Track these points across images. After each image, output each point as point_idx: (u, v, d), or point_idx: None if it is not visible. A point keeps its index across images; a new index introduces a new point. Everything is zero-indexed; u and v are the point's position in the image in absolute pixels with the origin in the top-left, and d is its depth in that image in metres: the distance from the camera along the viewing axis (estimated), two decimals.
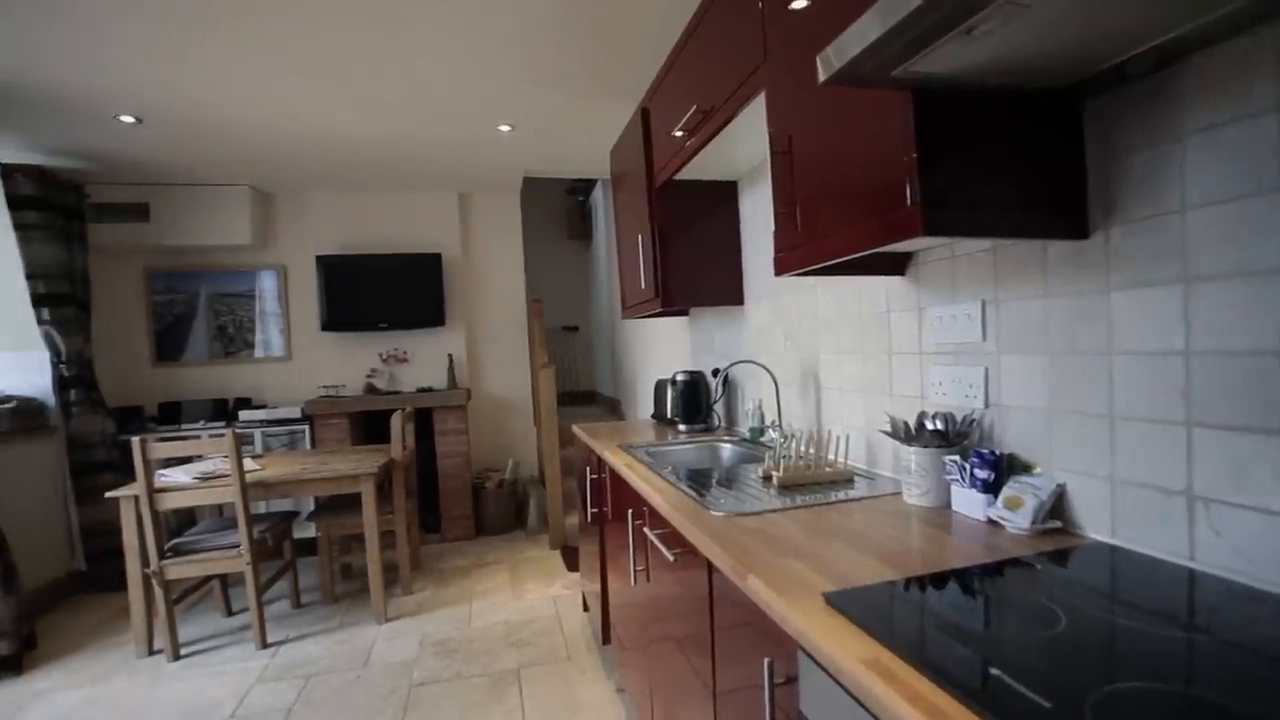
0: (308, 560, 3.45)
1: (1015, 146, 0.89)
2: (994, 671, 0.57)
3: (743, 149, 1.86)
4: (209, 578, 2.84)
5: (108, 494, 2.56)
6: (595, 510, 2.23)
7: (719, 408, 2.39)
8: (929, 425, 1.16)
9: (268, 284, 4.05)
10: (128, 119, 2.73)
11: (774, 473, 1.40)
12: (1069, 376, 0.96)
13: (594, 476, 2.22)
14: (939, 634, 0.67)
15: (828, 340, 1.68)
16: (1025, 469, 1.05)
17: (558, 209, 6.30)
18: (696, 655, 1.19)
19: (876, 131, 0.93)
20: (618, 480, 1.86)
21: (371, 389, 3.93)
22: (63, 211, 3.23)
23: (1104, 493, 0.92)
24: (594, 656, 2.40)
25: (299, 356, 4.07)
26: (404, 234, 4.11)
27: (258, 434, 3.63)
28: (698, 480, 1.49)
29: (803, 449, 1.45)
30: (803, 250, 1.18)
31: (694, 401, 2.35)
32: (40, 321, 3.15)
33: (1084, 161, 0.91)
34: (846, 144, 1.02)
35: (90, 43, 2.10)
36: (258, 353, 4.04)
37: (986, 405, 1.13)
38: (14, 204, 3.05)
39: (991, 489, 1.04)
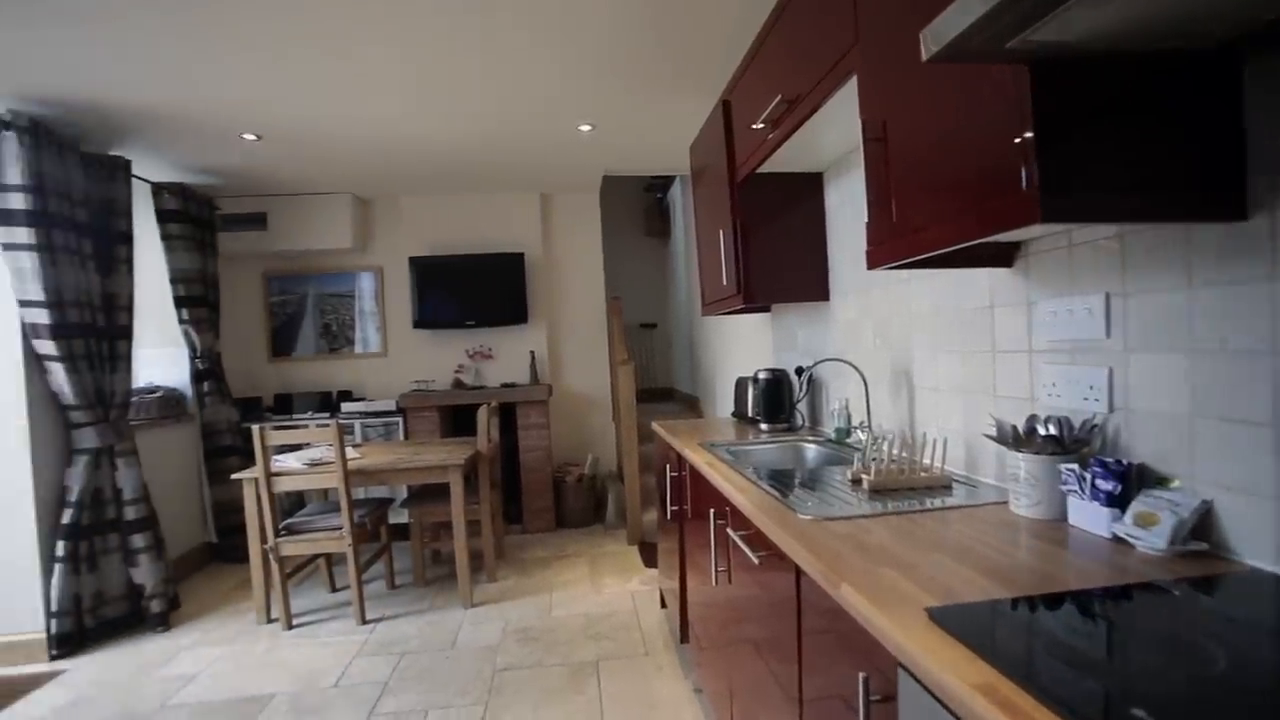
0: (401, 544, 3.67)
1: (1152, 119, 0.79)
2: (1138, 713, 0.51)
3: (829, 138, 1.78)
4: (316, 556, 3.08)
5: (233, 476, 2.83)
6: (675, 508, 2.22)
7: (802, 407, 2.32)
8: (1041, 430, 1.06)
9: (366, 284, 4.33)
10: (250, 137, 2.99)
11: (864, 476, 1.33)
12: (1218, 379, 0.85)
13: (674, 474, 2.21)
14: (1063, 663, 0.60)
15: (922, 337, 1.58)
16: (1160, 482, 0.93)
17: (636, 206, 6.34)
18: (780, 662, 1.16)
19: (986, 111, 0.86)
20: (698, 479, 1.84)
21: (459, 384, 4.12)
22: (198, 223, 3.61)
23: (1265, 513, 0.80)
24: (671, 654, 2.40)
25: (394, 352, 4.33)
26: (489, 235, 4.27)
27: (357, 425, 3.90)
28: (781, 481, 1.45)
29: (895, 451, 1.37)
30: (898, 242, 1.11)
31: (776, 400, 2.29)
32: (180, 321, 3.54)
33: (1242, 132, 0.80)
34: (950, 126, 0.95)
35: (222, 74, 2.35)
36: (357, 349, 4.33)
37: (1110, 409, 1.02)
38: (161, 218, 3.44)
39: (1117, 502, 0.93)
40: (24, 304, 2.52)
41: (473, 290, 4.13)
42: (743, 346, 3.35)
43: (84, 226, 2.72)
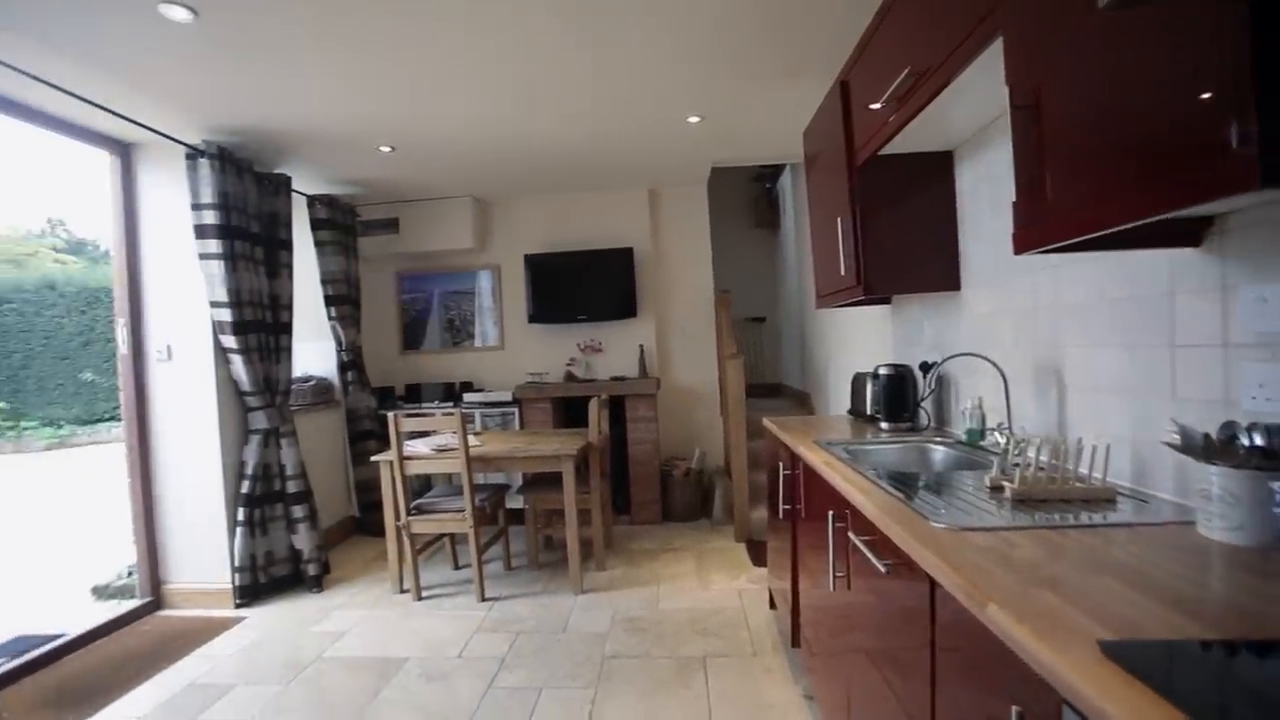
0: (517, 529, 3.86)
1: None
2: None
3: (962, 113, 1.63)
4: (442, 535, 3.32)
5: (372, 458, 3.12)
6: (787, 507, 2.15)
7: (927, 405, 2.15)
8: (1243, 440, 0.90)
9: (484, 282, 4.60)
10: (385, 149, 3.27)
11: (1005, 483, 1.20)
12: None
13: (787, 472, 2.14)
14: None
15: (1075, 330, 1.40)
16: None
17: (744, 197, 6.21)
18: (907, 679, 1.08)
19: (1179, 61, 0.73)
20: (814, 478, 1.76)
21: (570, 376, 4.27)
22: (343, 229, 4.01)
23: None
24: (781, 657, 2.33)
25: (510, 346, 4.57)
26: (599, 231, 4.37)
27: (477, 414, 4.16)
28: (905, 484, 1.35)
29: (1043, 457, 1.22)
30: (1054, 222, 0.98)
31: (899, 398, 2.14)
32: (329, 318, 3.96)
33: None
34: (1128, 84, 0.82)
35: (364, 96, 2.60)
36: (477, 342, 4.62)
37: None
38: (314, 226, 3.86)
39: None
40: (214, 304, 2.94)
41: (583, 285, 4.25)
42: (859, 341, 3.17)
43: (256, 236, 3.11)
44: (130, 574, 3.16)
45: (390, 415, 2.91)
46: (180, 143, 2.85)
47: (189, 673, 2.44)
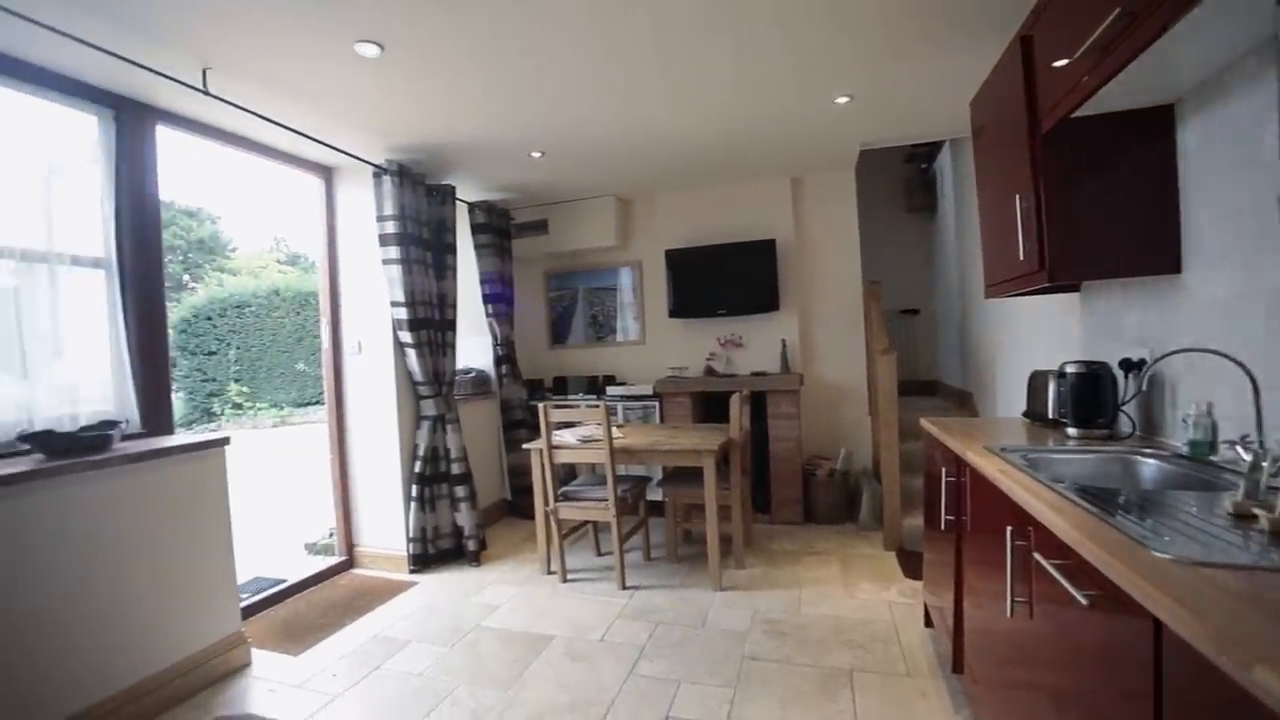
0: (656, 521, 3.93)
1: None
2: None
3: (1191, 55, 1.34)
4: (585, 522, 3.47)
5: (524, 446, 3.34)
6: (950, 518, 1.94)
7: (1131, 410, 1.82)
8: None
9: (625, 278, 4.72)
10: (536, 154, 3.47)
11: (1259, 511, 0.97)
12: None
13: (950, 479, 1.93)
14: None
15: None
16: None
17: (895, 181, 5.74)
18: None
19: None
20: (985, 487, 1.57)
21: (710, 371, 4.24)
22: (498, 232, 4.34)
23: None
24: (938, 681, 2.12)
25: (651, 340, 4.65)
26: (740, 223, 4.29)
27: (619, 407, 4.29)
28: (1104, 503, 1.14)
29: None
30: None
31: (1092, 400, 1.83)
32: (486, 315, 4.31)
33: None
34: None
35: (518, 107, 2.78)
36: (618, 337, 4.76)
37: None
38: (473, 230, 4.22)
39: None
40: (393, 304, 3.33)
41: (724, 279, 4.20)
42: (1036, 335, 2.78)
43: (426, 242, 3.47)
44: (331, 535, 3.69)
45: (540, 406, 3.10)
46: (368, 163, 3.26)
47: (375, 625, 2.79)
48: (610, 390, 4.37)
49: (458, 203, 3.79)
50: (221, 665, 2.37)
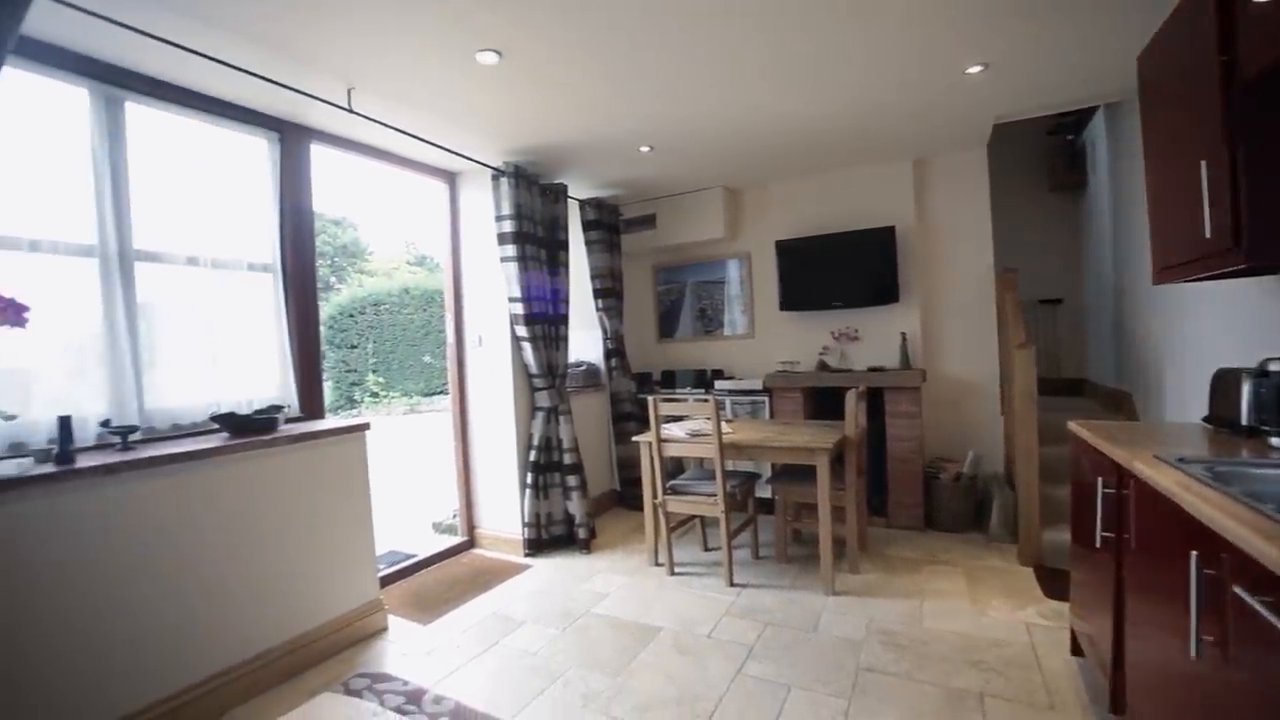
0: (765, 518, 3.84)
1: None
2: None
3: None
4: (693, 516, 3.46)
5: (633, 438, 3.39)
6: (1108, 534, 1.71)
7: None
8: None
9: (733, 271, 4.64)
10: (645, 149, 3.50)
11: None
12: None
13: (1109, 491, 1.70)
14: None
15: None
16: None
17: (1034, 156, 5.16)
18: None
19: None
20: (1157, 503, 1.36)
21: (823, 366, 4.07)
22: (608, 228, 4.42)
23: None
24: None
25: (760, 334, 4.54)
26: (856, 211, 4.06)
27: (728, 401, 4.23)
28: None
29: None
30: None
31: None
32: (596, 309, 4.42)
33: None
34: None
35: (628, 103, 2.81)
36: (726, 331, 4.69)
37: None
38: (584, 227, 4.34)
39: None
40: (510, 300, 3.50)
41: (838, 270, 4.00)
42: (1223, 326, 2.38)
43: (541, 240, 3.61)
44: (454, 516, 3.96)
45: (650, 400, 3.12)
46: (487, 166, 3.44)
47: (493, 603, 2.96)
48: (719, 384, 4.33)
49: (569, 201, 3.91)
50: (362, 628, 2.63)
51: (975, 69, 2.64)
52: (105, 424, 2.08)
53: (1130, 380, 3.72)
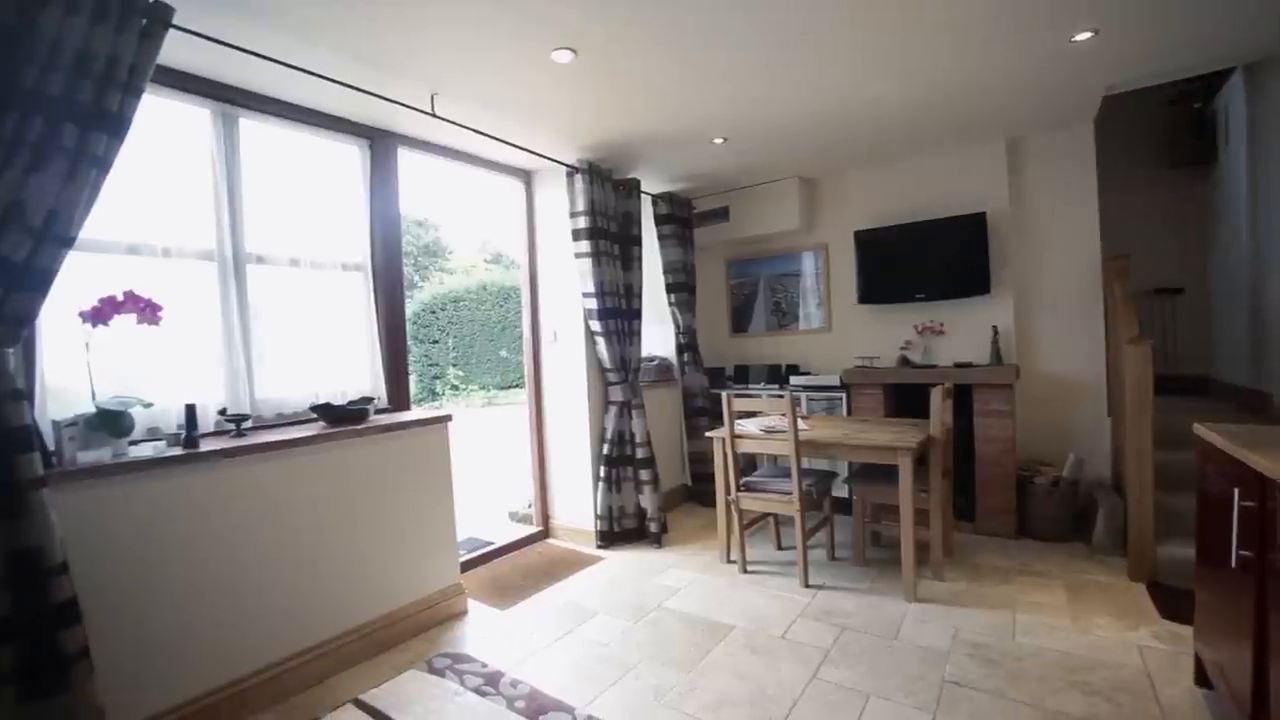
0: (841, 519, 3.71)
1: None
2: None
3: None
4: (766, 514, 3.39)
5: (707, 434, 3.36)
6: (1245, 553, 1.53)
7: None
8: None
9: (808, 263, 4.50)
10: (719, 140, 3.44)
11: None
12: None
13: (1247, 504, 1.52)
14: None
15: None
16: None
17: (1151, 130, 4.66)
18: None
19: None
20: None
21: (905, 361, 3.88)
22: (681, 222, 4.40)
23: None
24: None
25: (837, 328, 4.38)
26: (941, 198, 3.83)
27: (803, 398, 4.12)
28: None
29: None
30: None
31: None
32: (669, 304, 4.41)
33: None
34: None
35: (703, 95, 2.76)
36: (801, 325, 4.56)
37: None
38: (657, 221, 4.34)
39: None
40: (584, 295, 3.55)
41: (922, 260, 3.80)
42: None
43: (614, 235, 3.64)
44: (529, 506, 4.08)
45: (724, 395, 3.08)
46: (562, 164, 3.50)
47: (567, 593, 3.03)
48: (793, 379, 4.21)
49: (642, 195, 3.91)
50: (444, 610, 2.76)
51: (1084, 35, 2.42)
52: (222, 412, 2.29)
53: (1272, 380, 3.31)
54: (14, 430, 1.54)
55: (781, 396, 2.88)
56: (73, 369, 1.93)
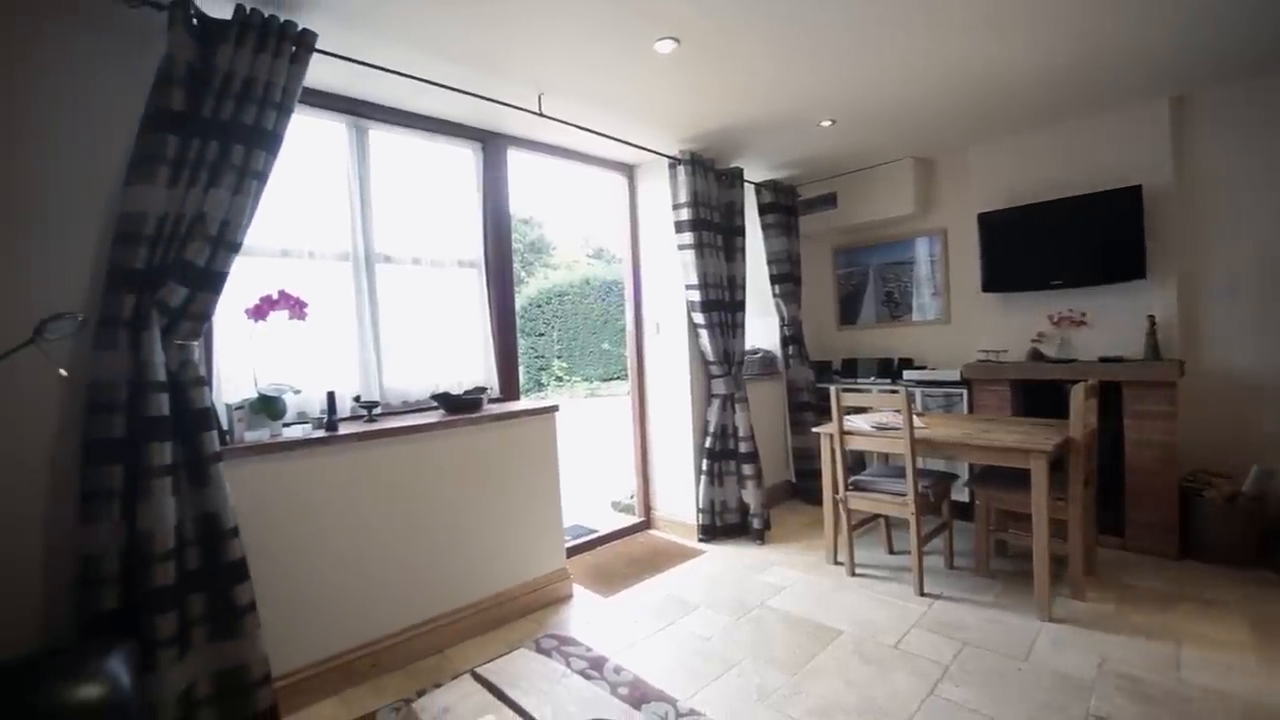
0: (961, 525, 3.44)
1: None
2: None
3: None
4: (877, 515, 3.21)
5: (814, 429, 3.24)
6: None
7: None
8: None
9: (923, 250, 4.19)
10: (826, 123, 3.28)
11: None
12: None
13: None
14: None
15: None
16: None
17: None
18: None
19: None
20: None
21: (1037, 355, 3.50)
22: (785, 210, 4.25)
23: None
24: None
25: (957, 319, 4.05)
26: (1082, 171, 3.41)
27: (918, 393, 3.85)
28: None
29: None
30: None
31: None
32: (773, 295, 4.28)
33: None
34: None
35: (809, 76, 2.64)
36: (915, 316, 4.26)
37: None
38: (760, 210, 4.22)
39: None
40: (687, 287, 3.54)
41: (1059, 243, 3.40)
42: None
43: (717, 226, 3.59)
44: (631, 497, 4.14)
45: (832, 390, 2.95)
46: (664, 155, 3.50)
47: (669, 585, 3.04)
48: (907, 374, 3.95)
49: (745, 185, 3.82)
50: (551, 593, 2.87)
51: None
52: (356, 399, 2.52)
53: None
54: (200, 411, 1.80)
55: (894, 392, 2.71)
56: (237, 359, 2.21)
